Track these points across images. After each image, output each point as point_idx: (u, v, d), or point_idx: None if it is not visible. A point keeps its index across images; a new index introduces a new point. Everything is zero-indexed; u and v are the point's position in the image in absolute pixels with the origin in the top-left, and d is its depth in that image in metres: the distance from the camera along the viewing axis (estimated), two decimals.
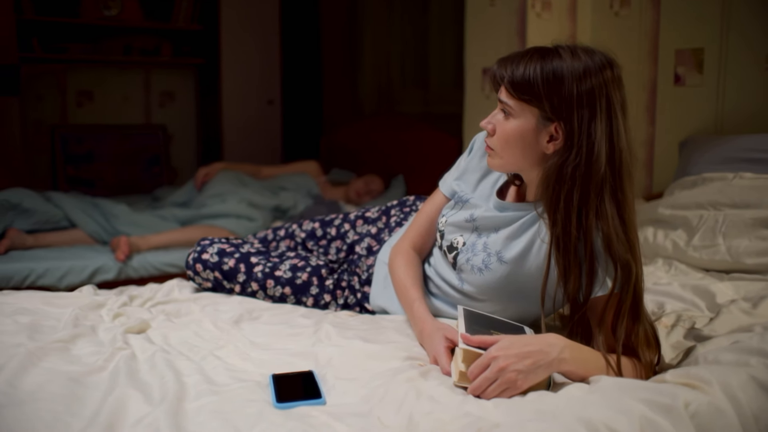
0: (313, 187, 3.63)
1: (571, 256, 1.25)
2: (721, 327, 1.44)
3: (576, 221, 1.25)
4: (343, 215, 1.92)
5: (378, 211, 1.89)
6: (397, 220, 1.81)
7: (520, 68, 1.27)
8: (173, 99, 5.05)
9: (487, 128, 1.33)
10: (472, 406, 1.05)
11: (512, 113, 1.30)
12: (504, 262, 1.39)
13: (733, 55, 2.39)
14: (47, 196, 3.14)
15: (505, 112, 1.31)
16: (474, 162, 1.54)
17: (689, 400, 1.01)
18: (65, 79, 4.66)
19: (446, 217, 1.52)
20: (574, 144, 1.25)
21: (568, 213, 1.25)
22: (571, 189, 1.25)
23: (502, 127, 1.31)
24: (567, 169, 1.25)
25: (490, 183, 1.50)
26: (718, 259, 1.91)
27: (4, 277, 2.61)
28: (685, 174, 2.31)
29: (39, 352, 1.25)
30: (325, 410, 1.06)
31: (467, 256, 1.44)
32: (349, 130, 4.51)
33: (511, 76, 1.28)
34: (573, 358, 1.16)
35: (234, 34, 4.79)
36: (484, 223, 1.44)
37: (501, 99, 1.31)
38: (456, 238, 1.48)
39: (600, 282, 1.25)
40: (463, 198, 1.51)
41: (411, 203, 1.87)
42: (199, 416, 1.04)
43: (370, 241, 1.80)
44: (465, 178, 1.54)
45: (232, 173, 3.52)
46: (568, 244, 1.25)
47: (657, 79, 2.66)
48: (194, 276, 1.81)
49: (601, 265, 1.25)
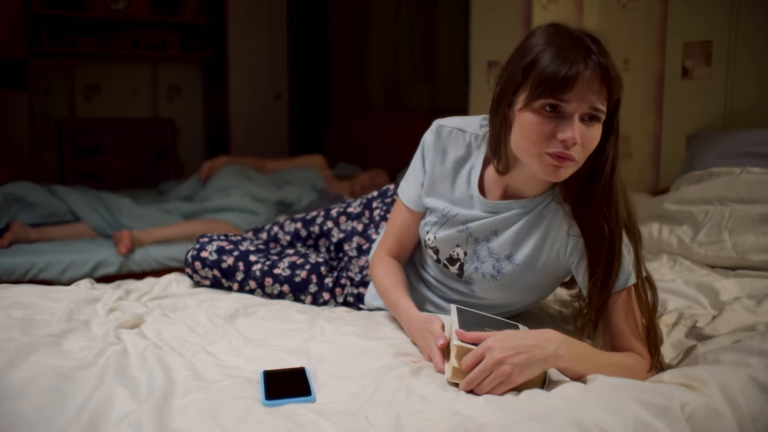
0: (318, 181, 3.62)
1: (604, 246, 1.24)
2: (724, 326, 1.41)
3: (616, 211, 1.25)
4: (324, 212, 1.87)
5: (360, 205, 1.84)
6: (380, 213, 1.77)
7: (617, 77, 1.19)
8: (181, 93, 5.05)
9: (579, 142, 1.19)
10: (463, 406, 1.03)
11: (601, 119, 1.20)
12: (517, 264, 1.37)
13: (743, 47, 2.34)
14: (52, 189, 3.15)
15: (591, 119, 1.19)
16: (437, 171, 1.45)
17: (686, 401, 0.98)
18: (73, 73, 4.68)
19: (433, 234, 1.45)
20: (612, 134, 1.25)
21: (613, 202, 1.25)
22: (610, 179, 1.25)
23: (592, 135, 1.20)
24: (615, 160, 1.25)
25: (462, 183, 1.43)
26: (724, 255, 1.87)
27: (6, 271, 2.62)
28: (692, 169, 2.27)
29: (29, 347, 1.24)
30: (313, 408, 1.05)
31: (474, 264, 1.41)
32: (356, 124, 4.50)
33: (615, 85, 1.19)
34: (570, 354, 1.13)
35: (241, 28, 4.78)
36: (480, 230, 1.39)
37: (597, 107, 1.18)
38: (454, 251, 1.43)
39: (625, 273, 1.25)
40: (448, 213, 1.43)
41: (392, 193, 1.82)
42: (185, 413, 1.03)
43: (358, 240, 1.77)
44: (437, 190, 1.45)
45: (236, 167, 3.51)
46: (602, 234, 1.24)
47: (664, 72, 2.61)
48: (193, 273, 1.80)
49: (625, 257, 1.25)
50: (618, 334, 1.26)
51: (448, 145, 1.44)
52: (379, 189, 1.86)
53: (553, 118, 1.20)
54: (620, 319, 1.25)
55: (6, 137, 4.15)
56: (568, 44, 1.18)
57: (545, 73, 1.18)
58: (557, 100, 1.18)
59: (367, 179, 3.63)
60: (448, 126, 1.45)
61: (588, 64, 1.17)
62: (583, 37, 1.20)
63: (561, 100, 1.18)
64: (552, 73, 1.17)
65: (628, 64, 2.74)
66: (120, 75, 4.81)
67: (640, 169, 2.75)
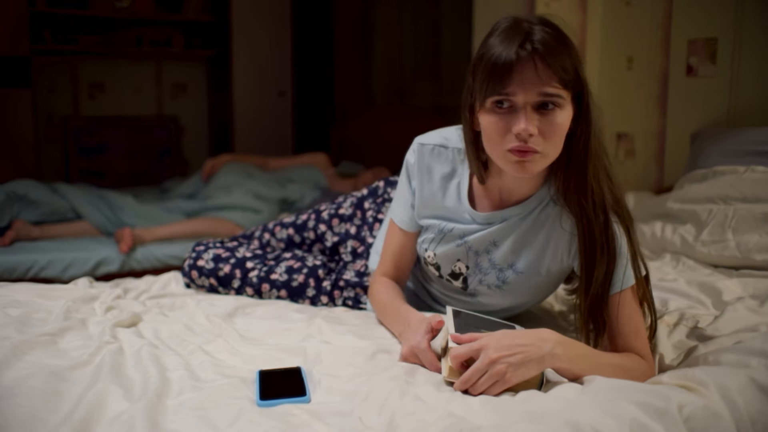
0: (321, 179, 3.61)
1: (598, 243, 1.22)
2: (726, 326, 1.39)
3: (593, 194, 1.22)
4: (315, 215, 1.85)
5: (351, 205, 1.82)
6: (373, 214, 1.76)
7: (563, 55, 1.15)
8: (185, 90, 5.05)
9: (534, 132, 1.16)
10: (457, 406, 1.01)
11: (561, 104, 1.17)
12: (521, 273, 1.35)
13: (748, 45, 2.32)
14: (54, 187, 3.15)
15: (547, 106, 1.16)
16: (426, 191, 1.42)
17: (684, 403, 0.97)
18: (77, 71, 4.68)
19: (432, 251, 1.42)
20: (583, 116, 1.21)
21: (589, 186, 1.22)
22: (585, 161, 1.22)
23: (552, 122, 1.16)
24: (588, 140, 1.21)
25: (452, 198, 1.40)
26: (727, 254, 1.85)
27: (7, 269, 2.62)
28: (696, 167, 2.25)
29: (24, 345, 1.23)
30: (307, 408, 1.04)
31: (478, 277, 1.39)
32: (360, 122, 4.48)
33: (562, 65, 1.14)
34: (566, 354, 1.12)
35: (245, 25, 4.77)
36: (479, 243, 1.37)
37: (549, 92, 1.15)
38: (456, 265, 1.41)
39: (623, 271, 1.23)
40: (444, 229, 1.40)
41: (382, 191, 1.80)
42: (178, 413, 1.02)
43: (353, 243, 1.75)
44: (429, 209, 1.42)
45: (239, 165, 3.51)
46: (593, 229, 1.22)
47: (669, 69, 2.59)
48: (190, 282, 1.80)
49: (622, 254, 1.23)
50: (618, 335, 1.24)
51: (432, 163, 1.41)
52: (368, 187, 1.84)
53: (505, 114, 1.17)
54: (620, 319, 1.23)
55: (10, 135, 4.16)
56: (504, 37, 1.16)
57: (485, 71, 1.16)
58: (501, 95, 1.16)
59: (370, 177, 3.61)
60: (429, 143, 1.42)
61: (520, 53, 1.13)
62: (522, 24, 1.17)
63: (505, 94, 1.15)
64: (490, 69, 1.16)
65: (632, 62, 2.72)
66: (124, 73, 4.82)
67: (644, 168, 2.73)
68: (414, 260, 1.51)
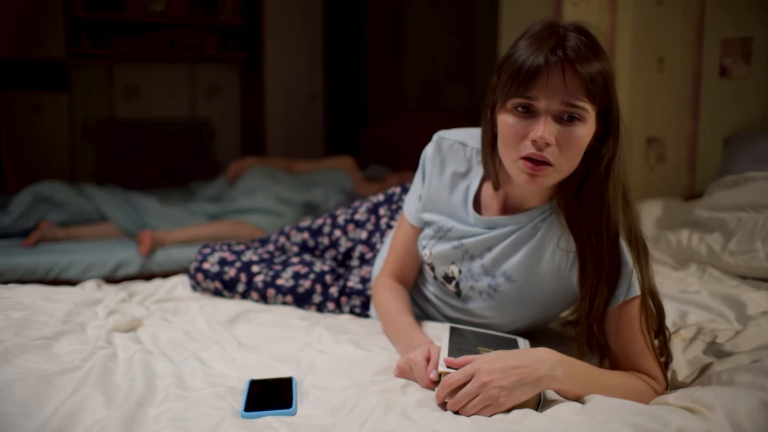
0: (347, 183, 3.57)
1: (604, 260, 1.15)
2: (747, 342, 1.31)
3: (608, 219, 1.15)
4: (331, 219, 1.81)
5: (366, 211, 1.78)
6: (386, 221, 1.72)
7: (594, 66, 1.09)
8: (218, 93, 5.08)
9: (551, 142, 1.11)
10: (445, 425, 0.96)
11: (584, 117, 1.11)
12: (513, 281, 1.30)
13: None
14: (80, 189, 3.18)
15: (569, 117, 1.11)
16: (434, 184, 1.39)
17: (683, 428, 0.90)
18: (112, 74, 4.75)
19: (429, 249, 1.39)
20: (610, 134, 1.15)
21: (605, 208, 1.15)
22: (604, 183, 1.15)
23: (571, 135, 1.11)
24: (612, 161, 1.15)
25: (459, 198, 1.37)
26: (756, 265, 1.76)
27: (28, 270, 2.64)
28: (727, 173, 2.14)
29: (17, 349, 1.22)
30: (288, 422, 1.00)
31: (469, 283, 1.35)
32: (390, 125, 4.44)
33: (591, 77, 1.08)
34: (566, 375, 1.05)
35: (277, 28, 4.78)
36: (475, 247, 1.33)
37: (573, 103, 1.10)
38: (449, 268, 1.37)
39: (625, 287, 1.15)
40: (444, 227, 1.37)
41: (398, 198, 1.76)
42: (156, 423, 0.99)
43: (362, 249, 1.71)
44: (434, 205, 1.40)
45: (264, 168, 3.49)
46: (602, 252, 1.15)
47: (701, 71, 2.49)
48: (195, 285, 1.78)
49: (626, 271, 1.15)
50: (624, 354, 1.17)
51: (448, 159, 1.39)
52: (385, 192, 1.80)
53: (525, 118, 1.12)
54: (623, 337, 1.16)
55: (46, 137, 4.24)
56: (537, 39, 1.11)
57: (512, 70, 1.11)
58: (524, 98, 1.11)
59: (396, 182, 3.57)
60: (449, 139, 1.40)
61: (550, 58, 1.08)
62: (557, 29, 1.11)
63: (527, 97, 1.10)
64: (517, 69, 1.10)
65: (663, 63, 2.62)
66: (158, 76, 4.87)
67: (675, 173, 2.63)
68: (419, 263, 1.47)
